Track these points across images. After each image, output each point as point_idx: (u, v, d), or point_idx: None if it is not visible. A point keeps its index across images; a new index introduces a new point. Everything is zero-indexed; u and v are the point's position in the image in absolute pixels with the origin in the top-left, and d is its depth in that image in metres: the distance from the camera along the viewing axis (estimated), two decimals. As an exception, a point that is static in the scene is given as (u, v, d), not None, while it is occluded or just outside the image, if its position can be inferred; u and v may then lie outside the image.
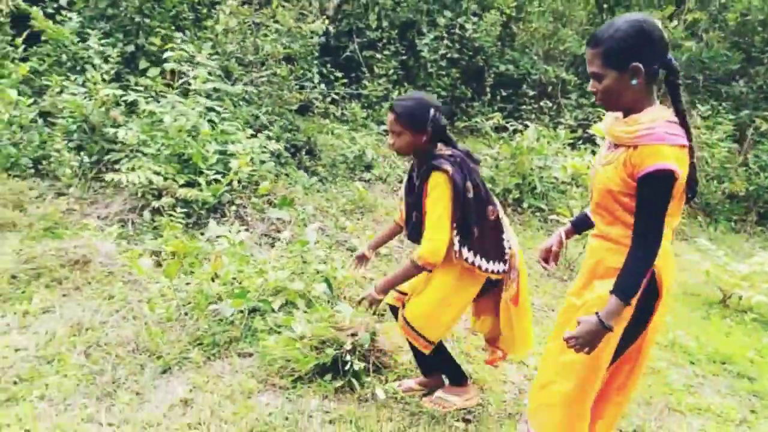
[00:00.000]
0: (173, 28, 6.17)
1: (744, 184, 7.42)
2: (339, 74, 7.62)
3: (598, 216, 1.85)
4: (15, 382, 2.29)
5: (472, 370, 2.96)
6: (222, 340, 2.79)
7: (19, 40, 5.47)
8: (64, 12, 5.82)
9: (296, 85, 6.43)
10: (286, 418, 2.35)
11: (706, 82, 9.13)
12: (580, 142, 7.20)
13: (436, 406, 2.59)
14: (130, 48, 5.95)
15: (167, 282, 3.23)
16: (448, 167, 2.28)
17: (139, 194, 4.11)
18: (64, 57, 5.55)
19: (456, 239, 2.31)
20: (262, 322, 2.93)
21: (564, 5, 10.19)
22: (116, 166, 4.43)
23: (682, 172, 1.63)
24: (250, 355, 2.78)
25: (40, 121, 4.86)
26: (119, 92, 4.74)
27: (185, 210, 4.00)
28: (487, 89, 8.95)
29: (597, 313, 1.68)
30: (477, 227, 2.32)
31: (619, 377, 1.90)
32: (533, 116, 8.53)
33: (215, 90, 5.35)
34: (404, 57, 8.73)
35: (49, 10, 5.85)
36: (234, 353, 2.75)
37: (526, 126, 6.76)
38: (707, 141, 7.12)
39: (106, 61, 5.24)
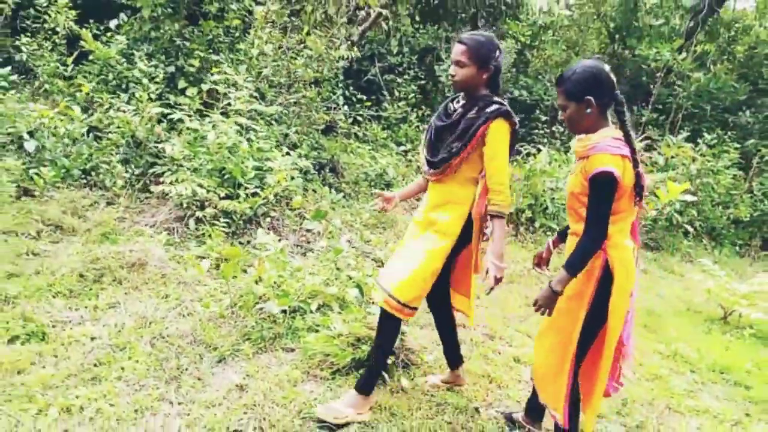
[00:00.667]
0: (210, 51, 6.61)
1: (748, 210, 7.70)
2: (362, 97, 8.02)
3: (570, 216, 2.33)
4: (95, 365, 2.63)
5: (490, 371, 3.26)
6: (268, 336, 3.11)
7: (69, 60, 5.92)
8: (109, 34, 6.28)
9: (323, 106, 6.83)
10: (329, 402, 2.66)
11: (713, 112, 9.45)
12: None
13: (328, 413, 2.51)
14: (171, 69, 6.39)
15: (214, 284, 3.59)
16: (515, 119, 2.43)
17: (184, 205, 4.47)
18: (110, 76, 5.97)
19: None
20: (302, 322, 3.26)
21: (577, 35, 10.60)
22: (160, 179, 4.82)
23: (623, 176, 2.09)
24: (293, 350, 3.10)
25: (89, 135, 5.26)
26: (166, 111, 5.14)
27: (226, 221, 4.37)
28: (501, 113, 9.34)
29: (549, 282, 2.18)
30: None
31: (602, 369, 2.28)
32: (545, 140, 8.89)
33: (248, 110, 5.75)
34: (423, 81, 9.15)
35: (95, 32, 6.31)
36: (279, 348, 3.08)
37: (539, 150, 7.11)
38: (712, 168, 7.43)
39: (151, 80, 5.66)
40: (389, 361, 2.95)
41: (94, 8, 6.67)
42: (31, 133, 4.61)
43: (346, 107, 7.76)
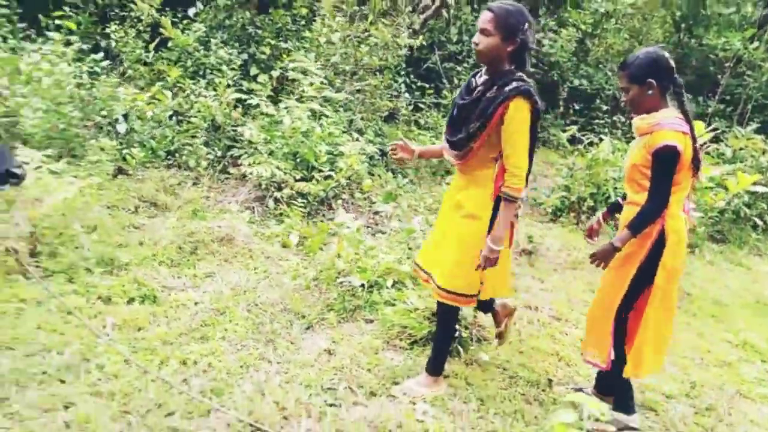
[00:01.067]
0: (279, 39, 6.88)
1: (822, 205, 7.42)
2: (425, 85, 8.15)
3: (629, 187, 2.55)
4: (202, 326, 2.91)
5: (558, 349, 3.39)
6: (349, 307, 3.34)
7: (151, 46, 6.30)
8: (185, 21, 6.63)
9: (386, 94, 7.01)
10: (410, 370, 2.86)
11: (787, 103, 9.11)
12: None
13: (404, 394, 2.66)
14: (244, 56, 6.69)
15: (296, 259, 3.85)
16: (537, 98, 2.33)
17: (263, 186, 4.75)
18: (188, 62, 6.31)
19: None
20: (379, 296, 3.47)
21: (641, 23, 10.36)
22: (238, 161, 5.12)
23: (684, 150, 2.33)
24: (372, 321, 3.32)
25: (171, 119, 5.60)
26: (244, 96, 5.43)
27: (302, 201, 4.63)
28: (561, 102, 9.28)
29: (611, 239, 2.46)
30: (531, 160, 2.46)
31: (649, 323, 2.51)
32: (606, 130, 8.79)
33: (315, 97, 5.98)
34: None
35: (173, 20, 6.66)
36: (360, 318, 3.30)
37: (601, 139, 7.08)
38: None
39: (228, 66, 5.97)
40: (464, 335, 3.12)
41: (174, -3, 7.01)
42: (125, 116, 4.97)
43: (407, 95, 7.91)
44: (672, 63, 2.43)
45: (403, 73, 7.89)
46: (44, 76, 4.68)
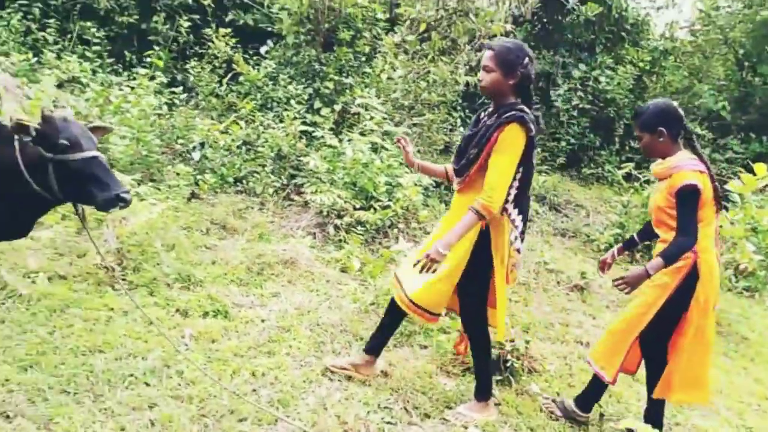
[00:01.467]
0: (342, 74, 7.25)
1: None
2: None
3: (659, 228, 2.72)
4: (269, 341, 3.13)
5: (613, 388, 3.42)
6: (405, 332, 3.50)
7: (224, 81, 6.78)
8: (255, 57, 7.11)
9: (443, 128, 7.24)
10: (462, 395, 2.98)
11: None
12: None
13: (457, 418, 2.77)
14: (309, 90, 7.09)
15: (354, 284, 4.05)
16: (532, 125, 2.39)
17: (324, 213, 5.01)
18: (258, 96, 6.74)
19: (511, 195, 2.50)
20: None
21: (701, 61, 10.27)
22: (301, 189, 5.42)
23: (704, 188, 2.51)
24: (426, 347, 3.46)
25: (239, 148, 5.99)
26: (309, 128, 5.77)
27: (361, 229, 4.85)
28: (617, 139, 9.26)
29: (645, 265, 2.55)
30: (527, 190, 2.56)
31: (680, 352, 2.66)
32: (663, 168, 8.70)
33: (376, 130, 6.27)
34: (537, 105, 9.28)
35: (245, 56, 7.15)
36: (414, 344, 3.45)
37: (658, 177, 7.05)
38: None
39: (295, 99, 6.36)
40: (516, 365, 3.22)
41: (247, 35, 7.54)
42: (202, 144, 5.38)
43: (462, 129, 8.11)
44: (681, 112, 2.66)
45: (459, 108, 8.12)
46: (131, 107, 5.14)
